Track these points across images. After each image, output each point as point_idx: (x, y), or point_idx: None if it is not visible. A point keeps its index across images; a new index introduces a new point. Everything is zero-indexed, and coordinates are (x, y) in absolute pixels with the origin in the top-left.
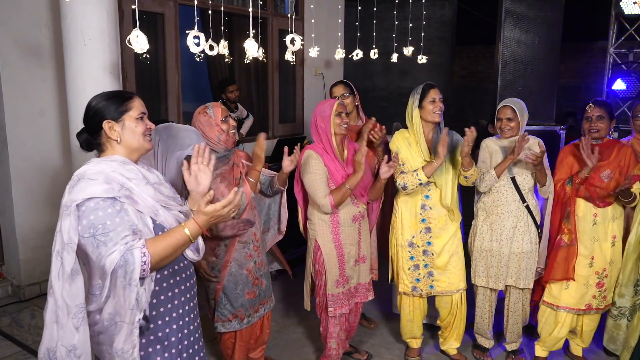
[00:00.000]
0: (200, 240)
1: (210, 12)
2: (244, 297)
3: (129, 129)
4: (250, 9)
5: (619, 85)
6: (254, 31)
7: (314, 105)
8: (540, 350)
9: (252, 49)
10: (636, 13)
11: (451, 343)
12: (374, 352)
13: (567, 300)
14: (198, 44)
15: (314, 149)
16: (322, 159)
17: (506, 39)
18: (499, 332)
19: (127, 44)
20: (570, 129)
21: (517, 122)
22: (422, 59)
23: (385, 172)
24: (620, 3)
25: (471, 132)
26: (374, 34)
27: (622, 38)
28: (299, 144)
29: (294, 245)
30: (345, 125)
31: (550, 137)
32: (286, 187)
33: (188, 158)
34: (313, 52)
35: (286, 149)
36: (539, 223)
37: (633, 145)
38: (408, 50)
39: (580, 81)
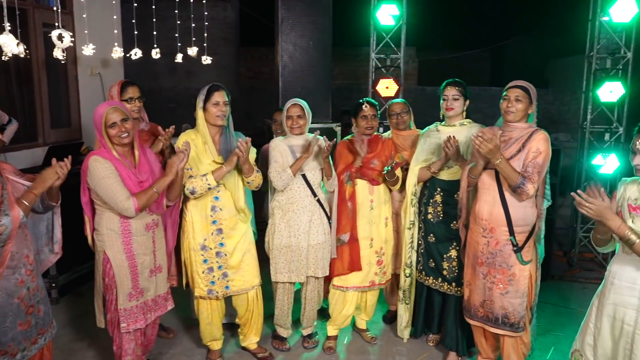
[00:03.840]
0: None
1: None
2: (16, 330)
3: None
4: None
5: (381, 86)
6: (10, 24)
7: (92, 107)
8: (331, 330)
9: (9, 44)
10: (389, 25)
11: (251, 338)
12: None
13: (354, 281)
14: None
15: (100, 154)
16: (111, 163)
17: (284, 42)
18: (295, 319)
19: None
20: (346, 125)
21: (305, 120)
22: (206, 60)
23: (180, 161)
24: (376, 15)
25: (244, 143)
26: (155, 33)
27: (381, 45)
28: (70, 156)
29: (79, 261)
30: (126, 134)
31: (328, 134)
32: (59, 202)
33: None
34: (87, 50)
35: (54, 160)
36: (329, 215)
37: (393, 138)
38: (192, 51)
39: (352, 82)
